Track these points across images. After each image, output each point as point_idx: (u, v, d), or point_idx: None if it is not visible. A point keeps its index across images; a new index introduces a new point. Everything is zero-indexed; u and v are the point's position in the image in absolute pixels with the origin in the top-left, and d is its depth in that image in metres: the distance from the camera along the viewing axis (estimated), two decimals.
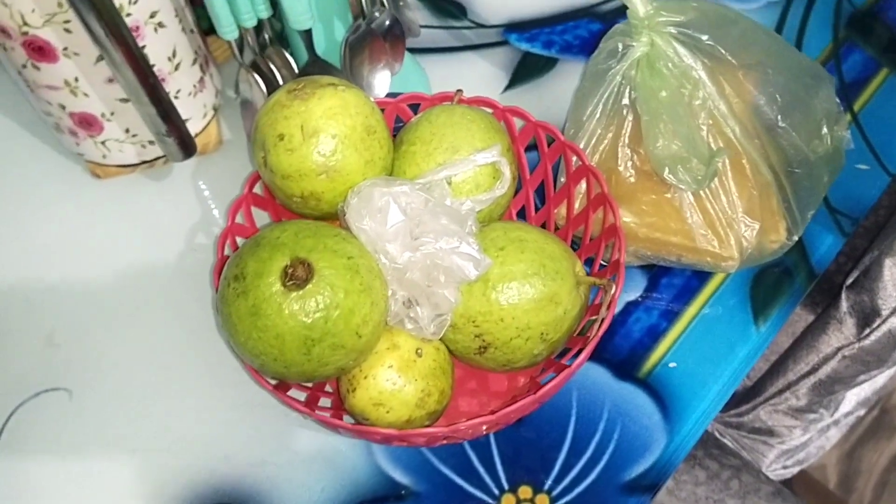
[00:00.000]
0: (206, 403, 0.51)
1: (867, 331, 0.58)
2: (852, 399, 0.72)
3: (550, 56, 0.67)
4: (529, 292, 0.43)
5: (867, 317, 0.57)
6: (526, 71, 0.67)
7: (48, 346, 0.54)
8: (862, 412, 0.82)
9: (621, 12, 0.50)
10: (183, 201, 0.61)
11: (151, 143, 0.59)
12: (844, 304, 0.59)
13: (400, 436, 0.41)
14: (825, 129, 0.51)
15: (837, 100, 0.52)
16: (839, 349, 0.61)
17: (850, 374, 0.63)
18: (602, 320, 0.43)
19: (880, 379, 0.69)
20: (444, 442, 0.44)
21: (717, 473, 0.80)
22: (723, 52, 0.49)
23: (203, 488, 0.48)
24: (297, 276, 0.38)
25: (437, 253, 0.41)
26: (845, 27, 0.66)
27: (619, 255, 0.44)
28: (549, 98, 0.65)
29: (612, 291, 0.43)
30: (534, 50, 0.68)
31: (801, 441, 0.82)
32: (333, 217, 0.46)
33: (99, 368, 0.53)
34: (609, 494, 0.47)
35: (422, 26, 0.68)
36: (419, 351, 0.44)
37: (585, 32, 0.68)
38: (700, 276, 0.54)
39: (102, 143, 0.58)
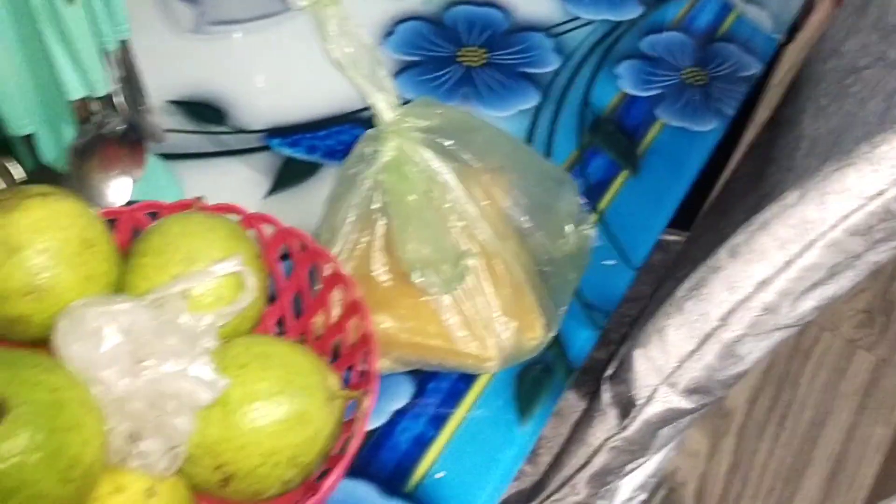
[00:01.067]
0: None
1: (627, 420, 0.59)
2: (627, 487, 0.74)
3: (314, 161, 0.66)
4: (275, 412, 0.40)
5: (625, 407, 0.59)
6: (288, 176, 0.65)
7: None
8: (644, 496, 0.84)
9: None
10: None
11: None
12: (606, 396, 0.61)
13: None
14: (569, 229, 0.53)
15: (581, 200, 0.55)
16: (606, 440, 0.62)
17: (618, 464, 0.65)
18: (354, 436, 0.40)
19: (650, 465, 0.71)
20: None
21: None
22: (468, 156, 0.50)
23: None
24: None
25: (161, 378, 0.37)
26: (589, 133, 0.71)
27: (370, 365, 0.42)
28: (313, 203, 0.62)
29: (366, 404, 0.41)
30: (296, 155, 0.66)
31: None
32: (45, 345, 0.40)
33: None
34: None
35: (176, 130, 0.65)
36: (151, 490, 0.39)
37: (349, 137, 0.68)
38: (466, 379, 0.53)
39: None
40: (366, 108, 0.71)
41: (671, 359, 0.56)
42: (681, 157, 0.70)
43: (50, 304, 0.39)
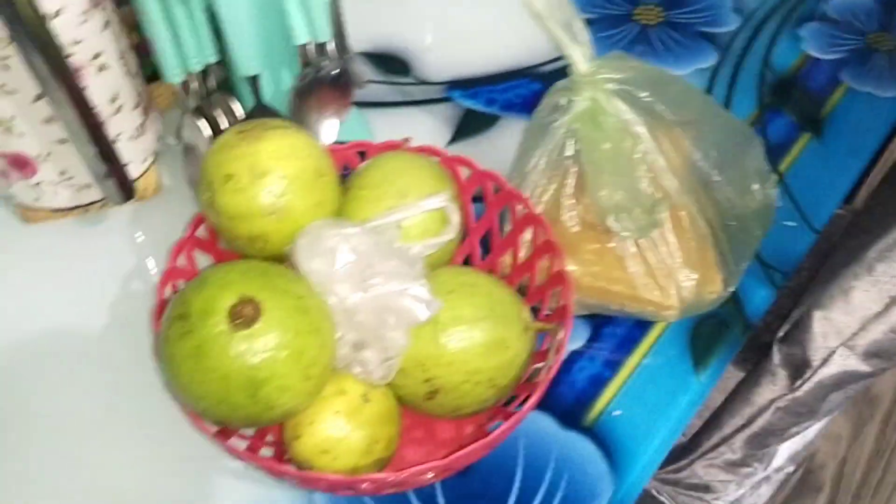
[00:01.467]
0: (140, 458, 0.48)
1: (799, 382, 0.60)
2: (784, 453, 0.74)
3: (492, 113, 0.69)
4: (479, 336, 0.43)
5: (798, 368, 0.59)
6: (468, 126, 0.68)
7: None
8: (791, 468, 0.84)
9: (560, 74, 0.52)
10: (119, 248, 0.59)
11: (88, 186, 0.57)
12: (776, 357, 0.61)
13: (348, 482, 0.39)
14: (756, 186, 0.53)
15: (765, 159, 0.55)
16: (773, 401, 0.63)
17: (783, 425, 0.65)
18: (550, 365, 0.43)
19: (810, 432, 0.71)
20: (392, 490, 0.43)
21: None
22: (661, 108, 0.51)
23: None
24: (245, 315, 0.37)
25: (387, 294, 0.41)
26: (769, 94, 0.70)
27: (567, 300, 0.45)
28: (491, 153, 0.65)
29: (560, 336, 0.44)
30: (476, 107, 0.69)
31: (736, 496, 0.83)
32: (279, 261, 0.45)
33: (27, 426, 0.50)
34: None
35: (366, 81, 0.69)
36: (366, 396, 0.43)
37: (526, 91, 0.71)
38: (641, 326, 0.55)
39: (36, 185, 0.56)
40: (543, 64, 0.73)
41: (854, 320, 0.55)
42: (866, 123, 0.68)
43: (286, 225, 0.43)
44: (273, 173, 0.43)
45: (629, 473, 0.49)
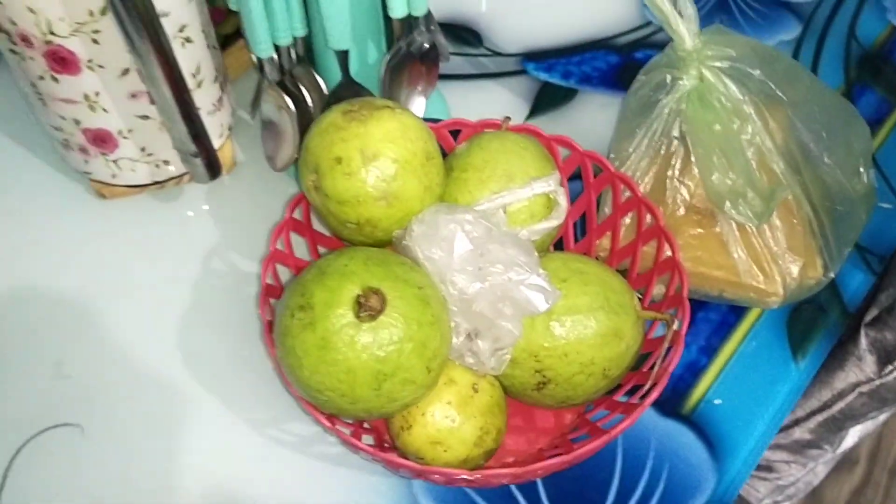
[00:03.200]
0: (230, 441, 0.48)
1: (889, 368, 0.58)
2: (855, 435, 0.73)
3: (570, 87, 0.67)
4: (594, 326, 0.42)
5: (889, 354, 0.58)
6: (546, 100, 0.66)
7: (56, 377, 0.50)
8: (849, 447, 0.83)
9: (639, 45, 0.50)
10: (194, 224, 0.58)
11: (166, 162, 0.55)
12: (864, 342, 0.60)
13: (470, 476, 0.38)
14: (862, 168, 0.51)
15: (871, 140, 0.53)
16: (857, 385, 0.61)
17: (864, 410, 0.64)
18: (670, 357, 0.42)
19: (884, 415, 0.70)
20: (507, 482, 0.42)
21: None
22: (770, 87, 0.49)
23: None
24: (371, 306, 0.36)
25: (506, 284, 0.40)
26: (856, 68, 0.67)
27: (683, 289, 0.43)
28: (570, 129, 0.64)
29: (677, 326, 0.42)
30: (552, 80, 0.67)
31: (796, 477, 0.82)
32: (384, 246, 0.44)
33: (113, 402, 0.49)
34: None
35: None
36: (476, 386, 0.42)
37: (603, 64, 0.68)
38: (736, 312, 0.54)
39: (114, 161, 0.54)
40: (619, 35, 0.71)
41: None
42: None
43: (397, 210, 0.42)
44: (384, 156, 0.41)
45: (733, 463, 0.48)
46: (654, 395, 0.40)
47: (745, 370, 0.51)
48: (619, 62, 0.68)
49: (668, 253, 0.46)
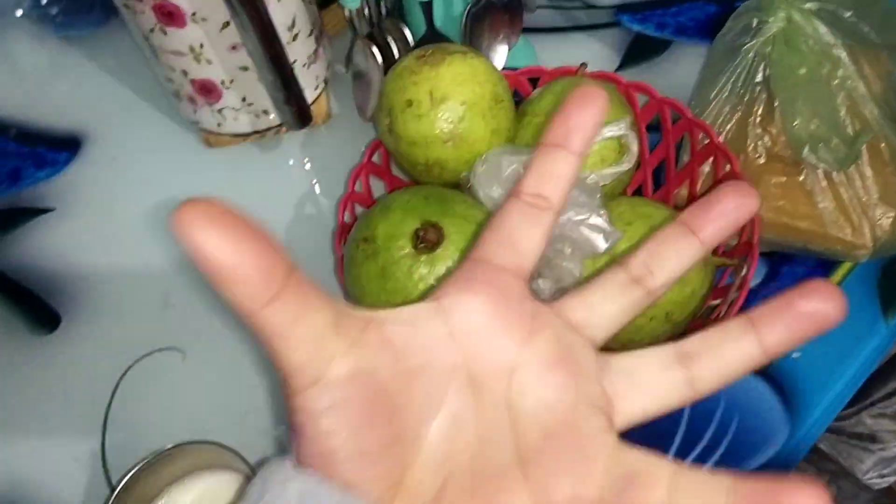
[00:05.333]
0: None
1: None
2: None
3: (664, 38, 0.65)
4: None
5: None
6: (638, 52, 0.65)
7: (163, 307, 0.55)
8: None
9: None
10: (292, 172, 0.62)
11: (265, 112, 0.59)
12: None
13: None
14: None
15: None
16: None
17: None
18: (733, 302, 0.42)
19: None
20: None
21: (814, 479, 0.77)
22: (864, 30, 0.46)
23: None
24: (428, 239, 0.38)
25: (565, 224, 0.40)
26: None
27: (753, 235, 0.43)
28: (663, 81, 0.63)
29: (745, 272, 0.42)
30: (646, 31, 0.66)
31: None
32: (455, 187, 0.45)
33: (212, 332, 0.53)
34: None
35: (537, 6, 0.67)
36: None
37: (701, 14, 0.66)
38: (824, 266, 0.52)
39: (219, 111, 0.58)
40: None
41: None
42: None
43: (464, 152, 0.43)
44: (452, 99, 0.43)
45: (806, 419, 0.47)
46: None
47: None
48: (717, 11, 0.66)
49: None
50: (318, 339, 0.26)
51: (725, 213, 0.29)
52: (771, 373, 0.48)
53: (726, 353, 0.28)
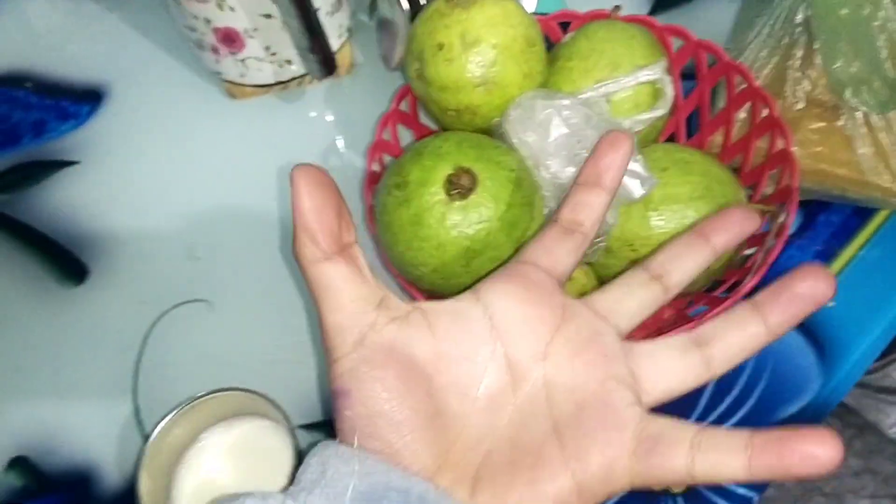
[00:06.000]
0: None
1: None
2: None
3: None
4: (693, 216, 0.41)
5: None
6: None
7: (189, 258, 0.55)
8: None
9: None
10: (315, 124, 0.61)
11: (289, 62, 0.58)
12: None
13: None
14: None
15: None
16: None
17: None
18: (770, 249, 0.41)
19: None
20: None
21: (840, 432, 0.76)
22: None
23: None
24: (462, 185, 0.37)
25: None
26: None
27: (793, 180, 0.42)
28: (697, 25, 0.60)
29: (783, 219, 0.41)
30: None
31: None
32: (486, 133, 0.44)
33: (238, 283, 0.53)
34: None
35: None
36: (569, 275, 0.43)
37: None
38: (861, 214, 0.51)
39: (242, 61, 0.58)
40: None
41: None
42: None
43: (496, 97, 0.42)
44: (484, 42, 0.42)
45: (840, 369, 0.46)
46: (747, 287, 0.39)
47: (865, 275, 0.49)
48: None
49: (782, 146, 0.44)
50: (362, 305, 0.30)
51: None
52: (804, 321, 0.48)
53: (736, 336, 0.31)
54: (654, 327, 0.48)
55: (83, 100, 0.63)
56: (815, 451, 0.26)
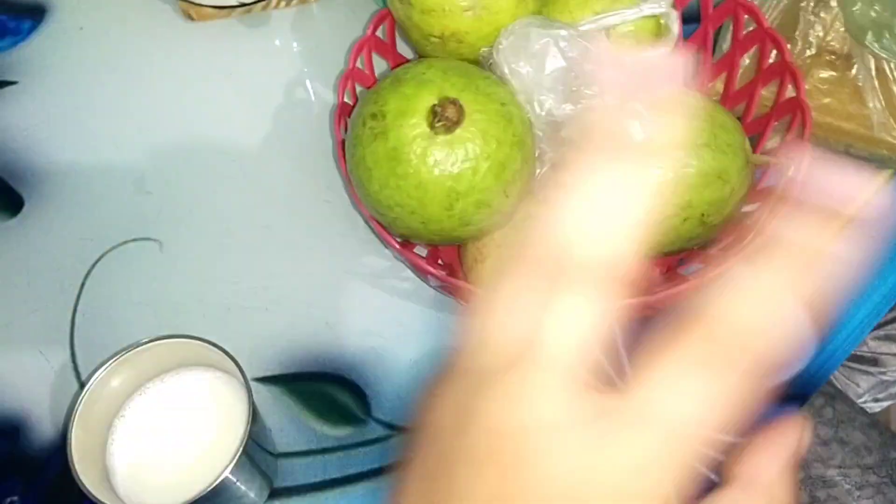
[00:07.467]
0: (308, 267, 0.47)
1: None
2: None
3: None
4: (696, 165, 0.37)
5: None
6: None
7: (138, 192, 0.50)
8: None
9: None
10: (280, 51, 0.56)
11: None
12: None
13: None
14: None
15: None
16: None
17: None
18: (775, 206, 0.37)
19: None
20: None
21: (811, 401, 0.75)
22: None
23: (302, 353, 0.44)
24: (447, 116, 0.33)
25: (600, 108, 0.35)
26: None
27: (805, 130, 0.38)
28: None
29: (792, 172, 0.38)
30: None
31: None
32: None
33: (193, 221, 0.49)
34: None
35: None
36: None
37: None
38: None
39: None
40: None
41: None
42: None
43: (485, 24, 0.38)
44: None
45: (838, 333, 0.44)
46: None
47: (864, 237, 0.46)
48: None
49: (792, 94, 0.40)
50: None
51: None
52: None
53: None
54: (642, 286, 0.44)
55: (24, 14, 0.57)
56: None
